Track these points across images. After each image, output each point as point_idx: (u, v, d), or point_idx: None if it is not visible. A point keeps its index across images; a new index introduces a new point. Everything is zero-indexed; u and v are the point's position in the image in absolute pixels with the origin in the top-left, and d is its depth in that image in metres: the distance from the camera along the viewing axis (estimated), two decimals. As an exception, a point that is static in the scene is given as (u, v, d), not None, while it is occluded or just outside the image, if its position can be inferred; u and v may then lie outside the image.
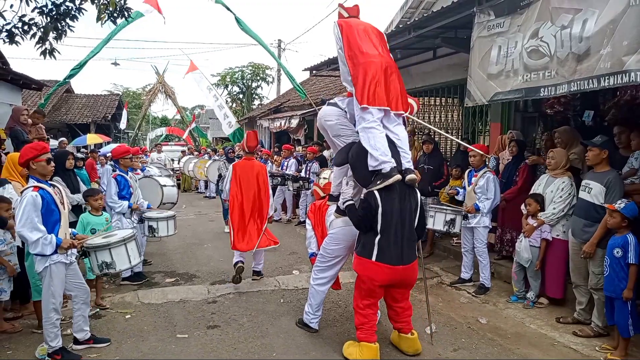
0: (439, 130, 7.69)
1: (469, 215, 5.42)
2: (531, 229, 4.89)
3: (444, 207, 5.74)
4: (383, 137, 3.61)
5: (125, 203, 5.59)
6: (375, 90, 3.62)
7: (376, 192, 3.53)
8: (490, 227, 5.55)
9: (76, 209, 5.65)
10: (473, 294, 5.33)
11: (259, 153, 13.16)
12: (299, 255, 7.03)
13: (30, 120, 7.04)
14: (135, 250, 4.23)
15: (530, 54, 4.33)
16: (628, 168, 4.49)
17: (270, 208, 5.77)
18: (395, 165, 3.58)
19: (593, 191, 4.20)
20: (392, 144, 3.69)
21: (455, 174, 6.80)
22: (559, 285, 4.85)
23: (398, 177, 3.51)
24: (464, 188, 5.73)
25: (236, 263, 5.46)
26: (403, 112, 3.82)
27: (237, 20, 9.10)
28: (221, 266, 6.54)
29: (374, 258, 3.54)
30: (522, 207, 5.09)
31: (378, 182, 3.54)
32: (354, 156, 3.77)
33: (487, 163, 5.87)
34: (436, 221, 5.74)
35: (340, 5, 4.28)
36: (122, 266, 4.13)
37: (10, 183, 4.62)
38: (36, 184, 3.63)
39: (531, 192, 5.10)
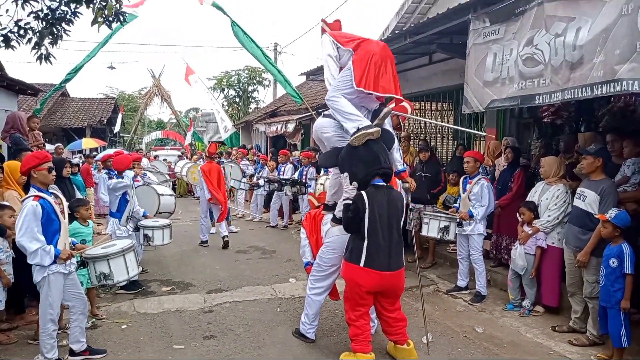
0: (438, 123, 7.71)
1: (464, 222, 5.43)
2: (526, 236, 4.91)
3: (438, 214, 5.76)
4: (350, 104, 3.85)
5: (127, 180, 5.80)
6: (374, 76, 3.81)
7: (364, 194, 3.57)
8: (485, 234, 5.57)
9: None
10: (469, 302, 5.34)
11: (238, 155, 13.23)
12: (296, 262, 7.02)
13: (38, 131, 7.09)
14: (133, 262, 4.22)
15: (525, 61, 4.34)
16: (620, 176, 4.51)
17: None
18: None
19: (588, 199, 4.22)
20: (377, 144, 3.75)
21: (452, 179, 6.81)
22: (555, 294, 4.87)
23: (377, 129, 3.69)
24: (459, 195, 5.74)
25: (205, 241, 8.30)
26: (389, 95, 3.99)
27: (233, 25, 9.09)
28: (217, 273, 6.53)
29: (362, 264, 3.55)
30: (518, 214, 5.11)
31: (362, 131, 3.65)
32: (343, 157, 3.82)
33: (482, 169, 5.89)
34: (430, 228, 5.75)
35: (323, 21, 4.43)
36: (119, 277, 4.11)
37: None
38: (37, 193, 3.65)
39: (527, 199, 5.12)
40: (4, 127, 7.13)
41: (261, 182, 10.73)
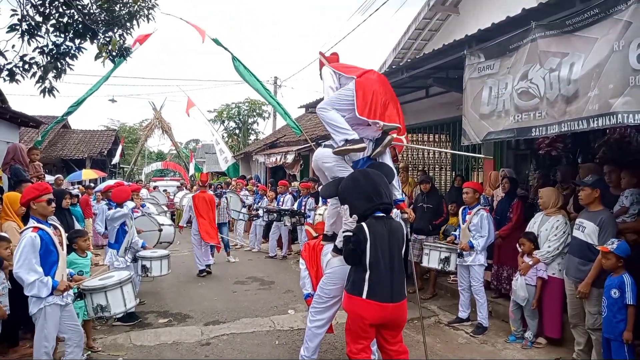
0: (437, 149, 7.76)
1: (464, 253, 5.42)
2: (527, 267, 4.88)
3: (439, 245, 5.74)
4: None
5: (125, 209, 5.68)
6: (376, 106, 3.88)
7: (365, 226, 3.50)
8: (486, 265, 5.54)
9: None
10: (471, 334, 5.27)
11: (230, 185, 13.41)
12: (295, 293, 6.95)
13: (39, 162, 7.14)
14: (131, 293, 4.19)
15: (520, 95, 4.43)
16: (619, 206, 4.54)
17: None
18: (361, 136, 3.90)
19: (587, 230, 4.23)
20: (379, 177, 3.74)
21: (452, 210, 6.83)
22: (557, 325, 4.81)
23: (364, 145, 3.81)
24: (459, 226, 5.75)
25: (202, 270, 8.40)
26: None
27: (234, 60, 9.30)
28: (215, 305, 6.44)
29: (364, 295, 3.43)
30: (518, 245, 5.10)
31: (348, 145, 3.77)
32: (344, 189, 3.74)
33: (483, 199, 5.92)
34: (431, 259, 5.73)
35: (321, 54, 4.53)
36: (117, 310, 4.07)
37: None
38: (36, 224, 3.65)
39: (526, 230, 5.13)
40: (4, 159, 7.18)
41: (260, 212, 10.73)
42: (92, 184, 15.95)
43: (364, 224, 3.52)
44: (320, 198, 9.36)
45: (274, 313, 6.07)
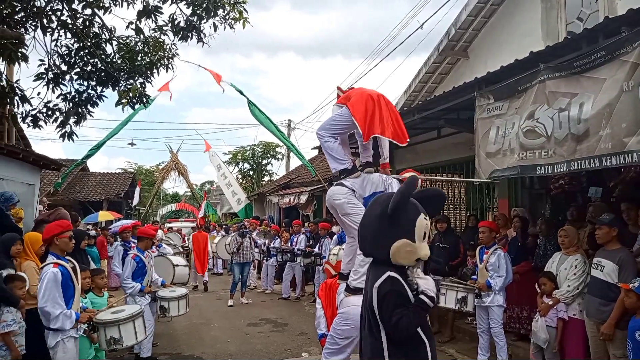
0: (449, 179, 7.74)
1: (482, 293, 5.31)
2: (547, 307, 4.75)
3: (455, 285, 5.65)
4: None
5: (138, 285, 5.60)
6: (373, 121, 3.86)
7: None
8: (505, 306, 5.41)
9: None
10: (491, 378, 5.09)
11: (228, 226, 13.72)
12: (309, 335, 6.83)
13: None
14: (141, 326, 4.36)
15: (526, 133, 4.48)
16: (638, 245, 4.46)
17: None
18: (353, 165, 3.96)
19: (606, 269, 4.15)
20: None
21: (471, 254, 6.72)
22: (581, 369, 4.63)
23: (357, 174, 3.88)
24: (476, 266, 5.67)
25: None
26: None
27: (249, 104, 9.61)
28: (228, 347, 6.36)
29: None
30: (537, 285, 5.00)
31: (342, 177, 3.85)
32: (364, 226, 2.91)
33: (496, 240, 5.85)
34: (447, 299, 5.61)
35: (339, 88, 4.61)
36: (129, 342, 4.24)
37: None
38: (55, 260, 3.83)
39: (545, 270, 5.03)
40: (47, 212, 7.30)
41: (269, 251, 10.77)
42: (110, 228, 16.14)
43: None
44: (333, 238, 9.32)
45: (288, 356, 5.97)
